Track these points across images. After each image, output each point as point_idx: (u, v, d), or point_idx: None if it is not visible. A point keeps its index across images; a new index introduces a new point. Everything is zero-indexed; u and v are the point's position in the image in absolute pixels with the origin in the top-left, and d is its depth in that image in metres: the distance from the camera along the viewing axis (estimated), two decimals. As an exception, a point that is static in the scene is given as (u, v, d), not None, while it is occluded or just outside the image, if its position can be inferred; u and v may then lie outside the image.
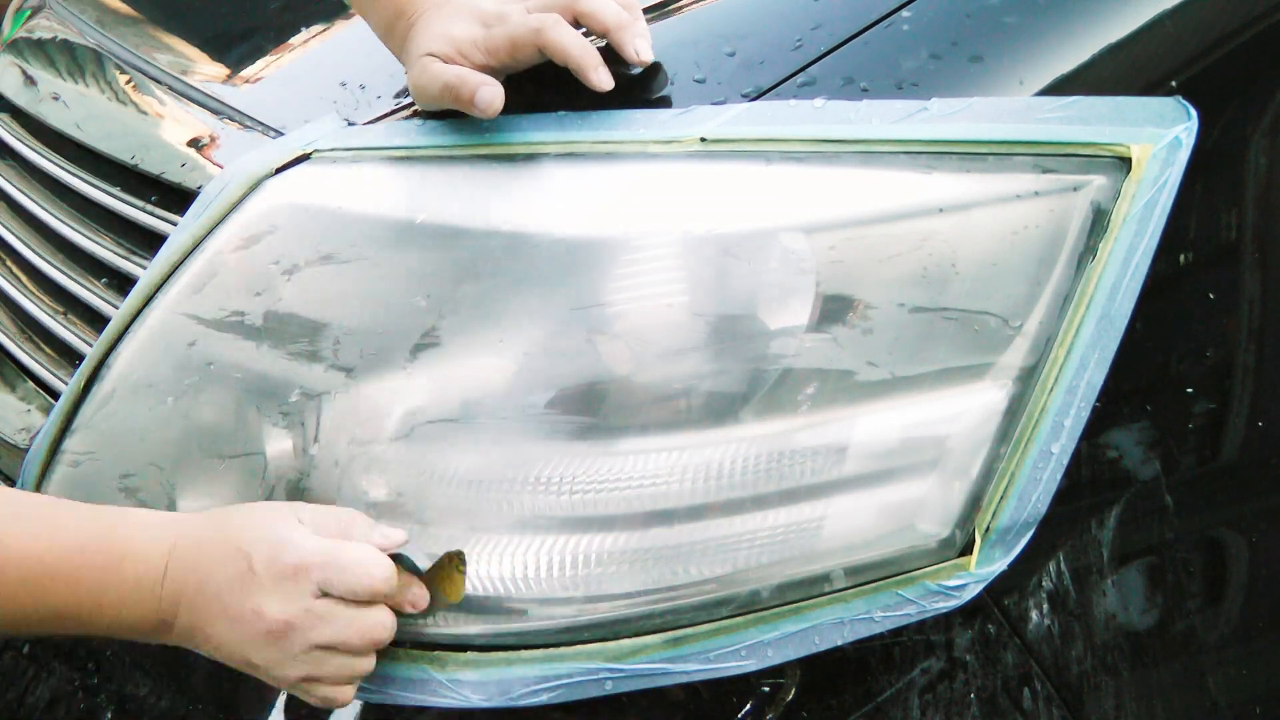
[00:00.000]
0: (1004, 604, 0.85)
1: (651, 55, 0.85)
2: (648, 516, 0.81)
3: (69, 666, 0.91)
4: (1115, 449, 0.87)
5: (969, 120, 0.83)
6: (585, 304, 0.81)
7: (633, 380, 0.80)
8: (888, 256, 0.81)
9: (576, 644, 0.82)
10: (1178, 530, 0.91)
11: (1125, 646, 0.89)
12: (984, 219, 0.83)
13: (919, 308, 0.82)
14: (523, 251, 0.82)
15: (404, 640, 0.82)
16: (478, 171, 0.86)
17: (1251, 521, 0.97)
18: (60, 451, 0.90)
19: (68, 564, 0.77)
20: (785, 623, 0.82)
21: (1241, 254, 0.93)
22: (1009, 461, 0.83)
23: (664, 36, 0.87)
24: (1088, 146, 0.83)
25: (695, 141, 0.83)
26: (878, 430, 0.82)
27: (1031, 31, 0.86)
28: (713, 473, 0.81)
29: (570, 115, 0.86)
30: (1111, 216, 0.83)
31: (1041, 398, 0.83)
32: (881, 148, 0.82)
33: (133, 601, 0.78)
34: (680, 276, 0.81)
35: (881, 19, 0.87)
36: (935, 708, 0.84)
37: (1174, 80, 0.87)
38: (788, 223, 0.81)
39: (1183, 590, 0.92)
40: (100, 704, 0.89)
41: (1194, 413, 0.91)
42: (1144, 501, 0.89)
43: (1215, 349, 0.92)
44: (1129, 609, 0.89)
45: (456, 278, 0.83)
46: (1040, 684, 0.86)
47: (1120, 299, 0.83)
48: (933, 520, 0.84)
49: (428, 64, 0.86)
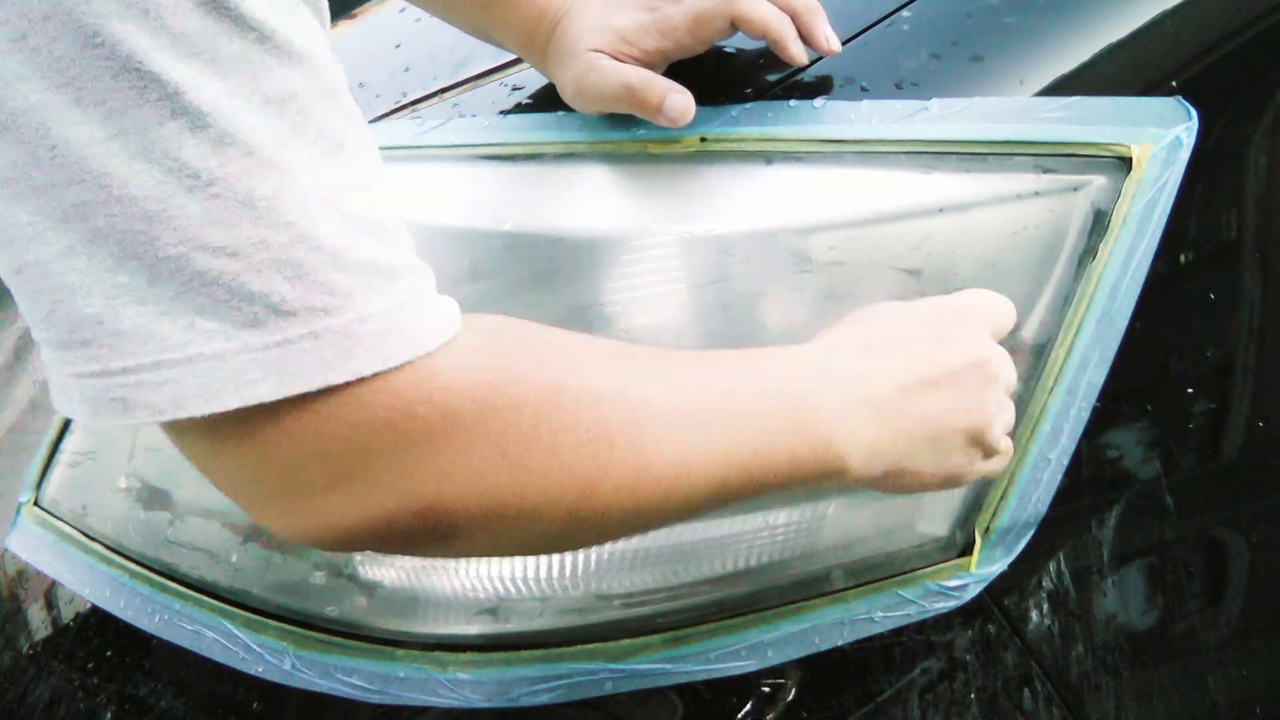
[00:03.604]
0: (1004, 604, 0.85)
1: (839, 45, 0.82)
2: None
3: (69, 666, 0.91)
4: (1115, 449, 0.87)
5: (969, 120, 0.83)
6: (585, 304, 0.81)
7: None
8: (888, 256, 0.81)
9: (576, 644, 0.82)
10: (1178, 530, 0.91)
11: (1125, 646, 0.89)
12: (984, 219, 0.83)
13: (919, 308, 0.82)
14: (523, 251, 0.82)
15: (404, 640, 0.82)
16: (478, 171, 0.86)
17: (1251, 521, 0.97)
18: (59, 451, 0.90)
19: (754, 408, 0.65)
20: (785, 623, 0.82)
21: (1241, 254, 0.93)
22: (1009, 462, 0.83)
23: (664, 36, 0.87)
24: (1088, 146, 0.83)
25: (695, 141, 0.83)
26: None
27: (1031, 31, 0.86)
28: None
29: (570, 115, 0.86)
30: (1111, 216, 0.83)
31: (1041, 398, 0.83)
32: (881, 148, 0.82)
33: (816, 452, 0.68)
34: (680, 277, 0.81)
35: (881, 19, 0.87)
36: (935, 708, 0.84)
37: (1174, 80, 0.87)
38: (788, 223, 0.81)
39: (1183, 590, 0.92)
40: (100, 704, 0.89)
41: (1194, 413, 0.91)
42: (1144, 501, 0.89)
43: (1215, 349, 0.92)
44: (1129, 609, 0.89)
45: (456, 278, 0.83)
46: (1040, 684, 0.86)
47: (1120, 299, 0.83)
48: (933, 520, 0.84)
49: (597, 61, 0.81)
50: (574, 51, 0.82)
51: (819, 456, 0.67)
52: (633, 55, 0.81)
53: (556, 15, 0.85)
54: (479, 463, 0.57)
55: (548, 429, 0.58)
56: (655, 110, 0.79)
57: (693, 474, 0.63)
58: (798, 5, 0.82)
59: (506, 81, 0.94)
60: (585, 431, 0.59)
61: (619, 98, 0.80)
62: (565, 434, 0.59)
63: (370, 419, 0.54)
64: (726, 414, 0.64)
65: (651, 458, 0.61)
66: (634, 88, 0.79)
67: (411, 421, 0.55)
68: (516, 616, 0.82)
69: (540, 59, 0.87)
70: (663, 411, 0.62)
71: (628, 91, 0.80)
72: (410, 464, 0.56)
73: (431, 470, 0.56)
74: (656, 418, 0.62)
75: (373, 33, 1.15)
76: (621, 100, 0.80)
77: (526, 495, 0.58)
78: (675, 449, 0.62)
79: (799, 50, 0.80)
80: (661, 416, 0.62)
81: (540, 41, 0.86)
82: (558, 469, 0.59)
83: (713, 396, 0.64)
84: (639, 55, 0.81)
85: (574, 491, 0.59)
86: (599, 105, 0.83)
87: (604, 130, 0.84)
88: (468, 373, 0.57)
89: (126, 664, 0.89)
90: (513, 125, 0.86)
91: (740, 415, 0.65)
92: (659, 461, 0.61)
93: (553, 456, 0.58)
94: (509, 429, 0.57)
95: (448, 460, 0.56)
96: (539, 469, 0.58)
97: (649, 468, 0.61)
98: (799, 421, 0.66)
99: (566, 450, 0.59)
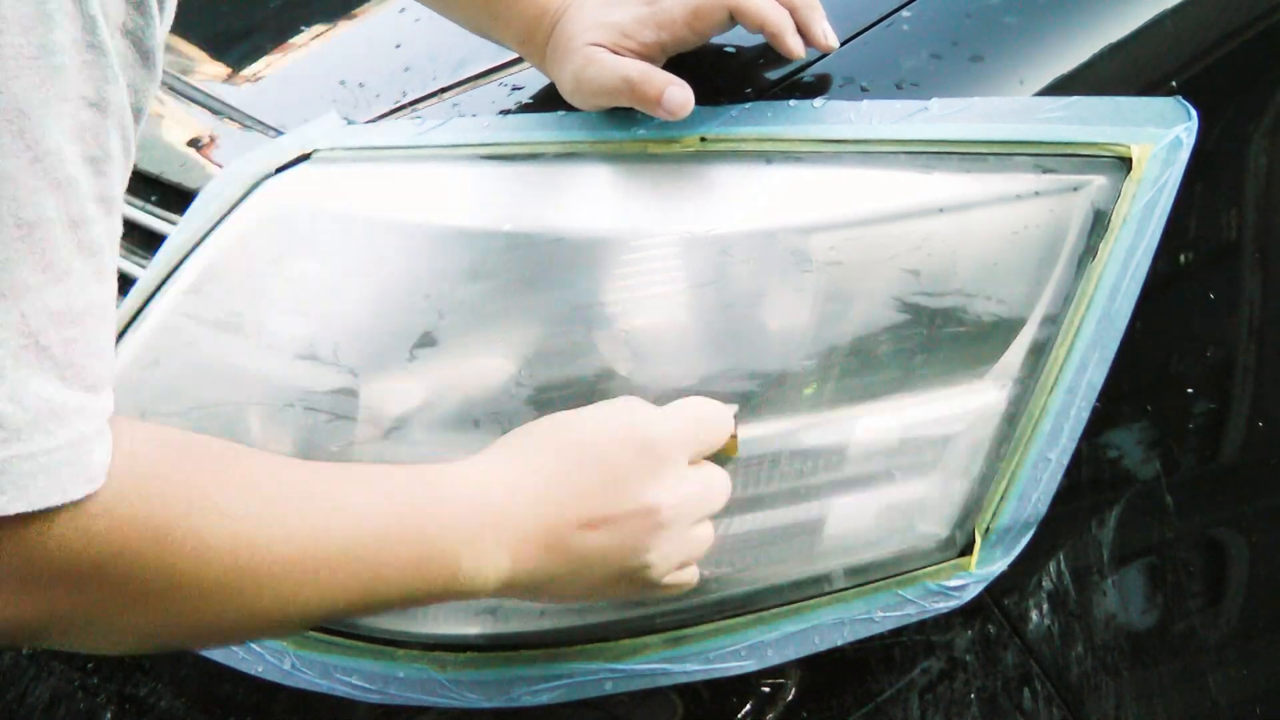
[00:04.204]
0: (1004, 604, 0.85)
1: (837, 42, 0.82)
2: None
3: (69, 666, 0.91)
4: (1115, 449, 0.87)
5: (969, 120, 0.83)
6: (585, 304, 0.81)
7: (633, 380, 0.80)
8: (888, 256, 0.81)
9: (576, 644, 0.82)
10: (1178, 530, 0.91)
11: (1125, 646, 0.89)
12: (984, 219, 0.83)
13: (919, 308, 0.81)
14: (523, 251, 0.82)
15: (404, 640, 0.82)
16: (478, 171, 0.86)
17: (1251, 521, 0.97)
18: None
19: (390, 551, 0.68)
20: (785, 623, 0.82)
21: (1241, 254, 0.93)
22: (1009, 462, 0.83)
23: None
24: (1088, 146, 0.83)
25: (695, 141, 0.83)
26: (878, 430, 0.82)
27: (1031, 31, 0.86)
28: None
29: (570, 115, 0.86)
30: (1111, 216, 0.83)
31: (1041, 398, 0.83)
32: (881, 148, 0.82)
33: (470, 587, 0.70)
34: (680, 277, 0.81)
35: (881, 19, 0.87)
36: (935, 708, 0.84)
37: (1174, 80, 0.87)
38: (788, 223, 0.81)
39: (1183, 590, 0.92)
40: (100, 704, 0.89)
41: (1194, 413, 0.91)
42: (1144, 501, 0.89)
43: (1215, 349, 0.92)
44: (1129, 609, 0.89)
45: (456, 278, 0.82)
46: (1040, 684, 0.86)
47: (1120, 299, 0.83)
48: (933, 520, 0.84)
49: (595, 55, 0.80)
50: (573, 47, 0.82)
51: (446, 585, 0.69)
52: (631, 49, 0.81)
53: (557, 13, 0.85)
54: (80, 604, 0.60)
55: (152, 585, 0.61)
56: (654, 103, 0.79)
57: (293, 613, 0.66)
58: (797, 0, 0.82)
59: (506, 81, 0.94)
60: (182, 579, 0.61)
61: (618, 91, 0.80)
62: (158, 583, 0.61)
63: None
64: (347, 557, 0.66)
65: (253, 605, 0.64)
66: (633, 80, 0.79)
67: (41, 558, 0.58)
68: (516, 616, 0.82)
69: (540, 56, 0.87)
70: (277, 561, 0.64)
71: (626, 84, 0.80)
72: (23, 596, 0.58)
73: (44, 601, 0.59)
74: (267, 568, 0.63)
75: (373, 33, 1.15)
76: (620, 93, 0.80)
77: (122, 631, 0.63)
78: (279, 594, 0.64)
79: (796, 43, 0.80)
80: (274, 566, 0.64)
81: (540, 39, 0.86)
82: (159, 614, 0.62)
83: (337, 538, 0.66)
84: (638, 48, 0.81)
85: (175, 629, 0.64)
86: (598, 100, 0.83)
87: (604, 130, 0.84)
88: (105, 520, 0.59)
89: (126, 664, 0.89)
90: (513, 125, 0.86)
91: (360, 558, 0.66)
92: (261, 606, 0.64)
93: (151, 605, 0.62)
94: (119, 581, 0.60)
95: (59, 599, 0.59)
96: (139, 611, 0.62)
97: (251, 612, 0.64)
98: (423, 558, 0.68)
99: (160, 601, 0.62)
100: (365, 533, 0.67)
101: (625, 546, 0.72)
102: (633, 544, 0.72)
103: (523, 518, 0.70)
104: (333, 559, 0.65)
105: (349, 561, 0.66)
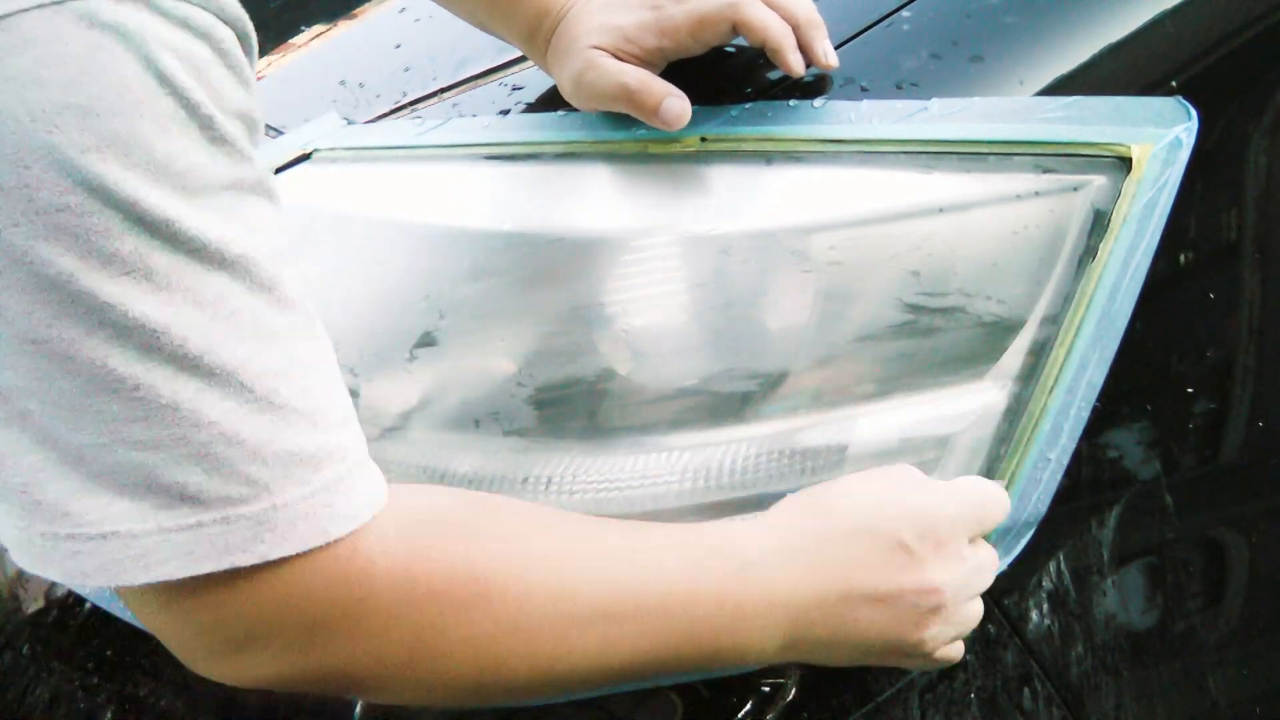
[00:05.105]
0: (1004, 604, 0.85)
1: (837, 61, 0.83)
2: (648, 516, 0.81)
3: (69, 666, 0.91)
4: (1115, 449, 0.87)
5: (969, 120, 0.83)
6: (585, 304, 0.81)
7: (633, 380, 0.80)
8: (888, 256, 0.81)
9: (576, 644, 0.82)
10: (1178, 530, 0.91)
11: (1125, 646, 0.89)
12: (984, 219, 0.83)
13: (919, 308, 0.82)
14: (523, 251, 0.82)
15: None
16: (478, 171, 0.86)
17: (1251, 521, 0.97)
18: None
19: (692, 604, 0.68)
20: (785, 623, 0.82)
21: (1241, 254, 0.93)
22: (1009, 462, 0.83)
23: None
24: (1088, 146, 0.83)
25: (695, 141, 0.83)
26: (878, 430, 0.82)
27: (1031, 31, 0.86)
28: (713, 473, 0.81)
29: (570, 115, 0.86)
30: (1111, 216, 0.83)
31: (1041, 398, 0.83)
32: (881, 148, 0.82)
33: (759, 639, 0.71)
34: (680, 277, 0.81)
35: (881, 19, 0.87)
36: (935, 708, 0.84)
37: (1174, 80, 0.87)
38: (788, 223, 0.81)
39: (1183, 590, 0.92)
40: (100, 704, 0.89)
41: (1194, 413, 0.91)
42: (1144, 501, 0.89)
43: (1215, 349, 0.92)
44: (1129, 609, 0.89)
45: (456, 278, 0.83)
46: (1040, 684, 0.86)
47: (1120, 299, 0.83)
48: (933, 520, 0.84)
49: (596, 59, 0.81)
50: (575, 49, 0.82)
51: (734, 653, 0.70)
52: (633, 54, 0.81)
53: (560, 12, 0.85)
54: (390, 648, 0.60)
55: (466, 622, 0.61)
56: (651, 113, 0.80)
57: (608, 663, 0.66)
58: (800, 17, 0.82)
59: (506, 81, 0.94)
60: (505, 624, 0.61)
61: (616, 97, 0.81)
62: (482, 627, 0.61)
63: (281, 596, 0.57)
64: (654, 614, 0.66)
65: (567, 649, 0.64)
66: (631, 89, 0.80)
67: (324, 601, 0.58)
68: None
69: (541, 55, 0.87)
70: (588, 607, 0.64)
71: (625, 92, 0.80)
72: (320, 639, 0.59)
73: (342, 648, 0.59)
74: (582, 613, 0.64)
75: (373, 33, 1.15)
76: (618, 100, 0.81)
77: (436, 675, 0.61)
78: (595, 643, 0.64)
79: (797, 60, 0.81)
80: (586, 611, 0.64)
81: (542, 37, 0.86)
82: (471, 658, 0.61)
83: (644, 594, 0.66)
84: (639, 54, 0.81)
85: (489, 674, 0.62)
86: (597, 103, 0.83)
87: (604, 130, 0.84)
88: (387, 557, 0.59)
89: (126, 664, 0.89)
90: (513, 125, 0.86)
91: (667, 614, 0.67)
92: (577, 652, 0.64)
93: (467, 646, 0.61)
94: (425, 620, 0.60)
95: (358, 642, 0.59)
96: (451, 655, 0.61)
97: (568, 656, 0.64)
98: (719, 630, 0.69)
99: (483, 640, 0.61)
100: (675, 591, 0.67)
101: (905, 622, 0.73)
102: (913, 621, 0.73)
103: (810, 591, 0.71)
104: (651, 608, 0.66)
105: (661, 617, 0.67)
